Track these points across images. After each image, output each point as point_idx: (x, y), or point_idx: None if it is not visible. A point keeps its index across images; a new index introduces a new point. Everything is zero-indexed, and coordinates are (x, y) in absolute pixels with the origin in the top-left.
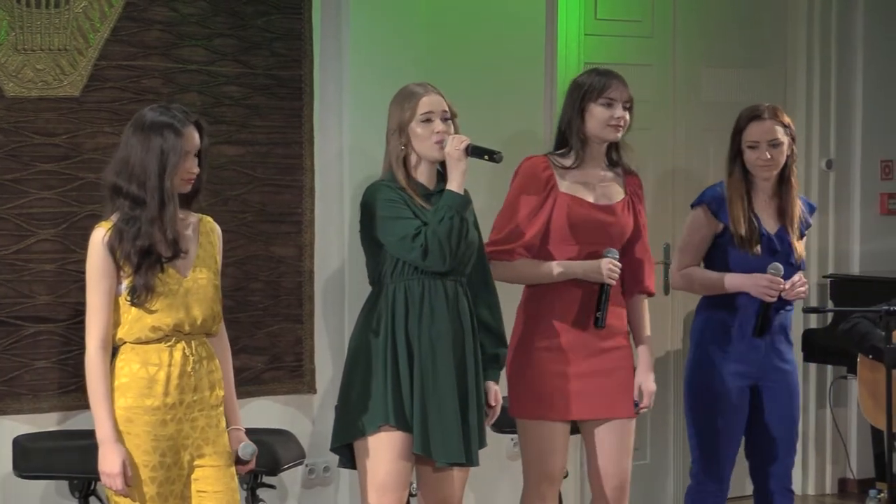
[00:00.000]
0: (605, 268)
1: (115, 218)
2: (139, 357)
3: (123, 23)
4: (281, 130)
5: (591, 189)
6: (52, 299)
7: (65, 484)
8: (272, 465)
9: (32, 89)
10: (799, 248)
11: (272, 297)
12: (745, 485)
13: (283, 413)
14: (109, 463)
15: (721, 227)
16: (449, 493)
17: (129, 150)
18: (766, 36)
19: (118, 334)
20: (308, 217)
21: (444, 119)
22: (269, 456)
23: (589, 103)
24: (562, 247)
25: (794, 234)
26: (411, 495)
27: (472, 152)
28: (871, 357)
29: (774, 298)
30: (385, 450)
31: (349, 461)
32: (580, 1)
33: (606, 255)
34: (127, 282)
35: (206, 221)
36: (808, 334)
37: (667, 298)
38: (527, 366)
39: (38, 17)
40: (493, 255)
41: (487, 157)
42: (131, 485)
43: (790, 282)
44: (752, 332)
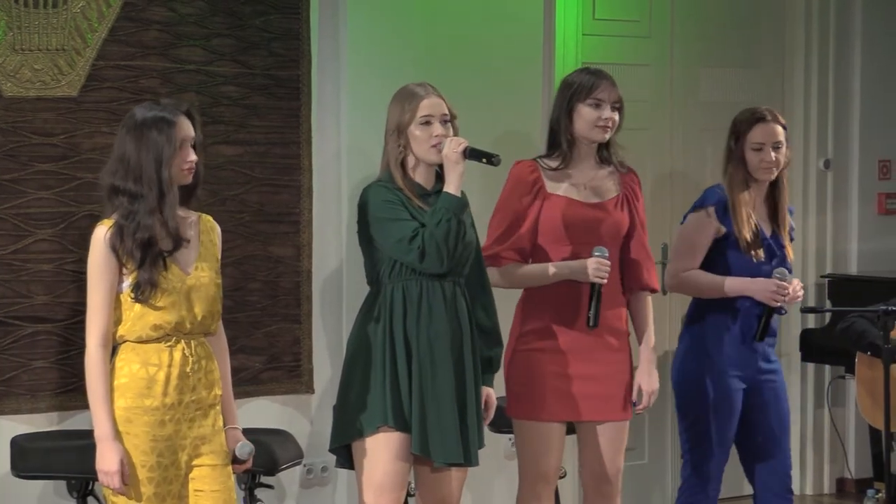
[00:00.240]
0: (590, 267)
1: (115, 217)
2: (139, 357)
3: (121, 23)
4: (279, 130)
5: (580, 188)
6: (49, 299)
7: (62, 484)
8: (270, 466)
9: (30, 89)
10: (790, 250)
11: (270, 297)
12: (744, 485)
13: (281, 413)
14: (107, 461)
15: (724, 231)
16: (447, 494)
17: (123, 150)
18: (763, 36)
19: (119, 332)
20: (306, 217)
21: (443, 122)
22: (267, 456)
23: (577, 103)
24: (555, 247)
25: (785, 237)
26: (409, 495)
27: (470, 155)
28: (869, 354)
29: (781, 303)
30: (383, 450)
31: (346, 461)
32: (578, 1)
33: (594, 253)
34: (131, 279)
35: (205, 220)
36: (805, 334)
37: (665, 298)
38: (524, 366)
39: (36, 17)
40: (485, 261)
41: (485, 160)
42: (129, 483)
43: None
44: (753, 337)
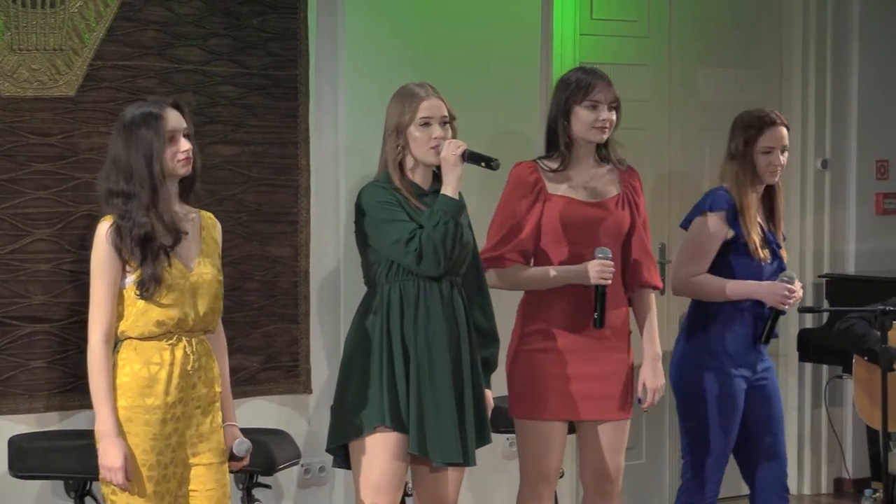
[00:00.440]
0: (593, 270)
1: (114, 217)
2: (141, 356)
3: (119, 23)
4: (276, 130)
5: (581, 188)
6: (47, 299)
7: (60, 484)
8: (268, 465)
9: (28, 89)
10: (784, 251)
11: (268, 297)
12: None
13: (279, 413)
14: (111, 457)
15: (731, 234)
16: (444, 494)
17: (115, 152)
18: (761, 36)
19: (121, 328)
20: (304, 217)
21: (442, 124)
22: (264, 456)
23: (574, 105)
24: (556, 247)
25: (780, 238)
26: (407, 495)
27: (469, 158)
28: (866, 359)
29: (788, 306)
30: (380, 450)
31: (344, 461)
32: (576, 1)
33: (597, 255)
34: (135, 275)
35: (206, 217)
36: (803, 334)
37: (664, 298)
38: (525, 366)
39: (34, 16)
40: (486, 263)
41: (484, 163)
42: (132, 479)
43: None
44: (759, 339)
